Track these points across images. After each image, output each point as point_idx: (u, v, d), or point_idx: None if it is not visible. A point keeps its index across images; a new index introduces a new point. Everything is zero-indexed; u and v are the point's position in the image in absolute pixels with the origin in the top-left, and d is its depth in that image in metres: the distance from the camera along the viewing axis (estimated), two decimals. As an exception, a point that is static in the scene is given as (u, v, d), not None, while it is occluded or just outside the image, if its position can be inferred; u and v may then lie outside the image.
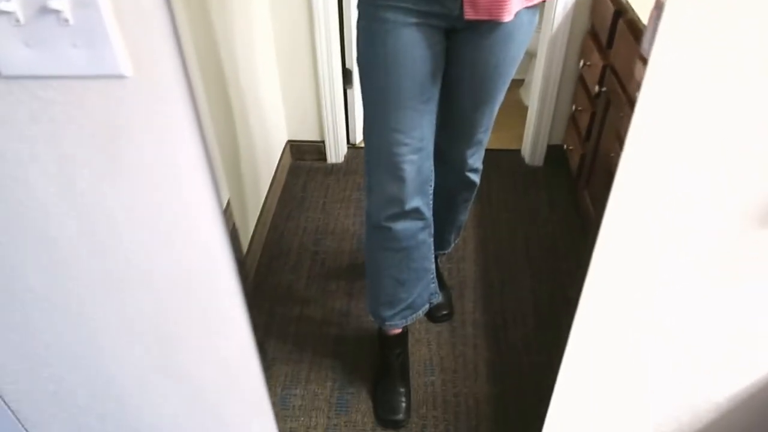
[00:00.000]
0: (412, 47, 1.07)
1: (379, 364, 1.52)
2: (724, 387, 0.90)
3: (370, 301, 1.43)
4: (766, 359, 0.86)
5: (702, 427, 0.95)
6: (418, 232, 1.29)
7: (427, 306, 1.46)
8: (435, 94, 1.16)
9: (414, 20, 1.05)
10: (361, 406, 1.47)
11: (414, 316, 1.43)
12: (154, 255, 0.78)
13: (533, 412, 1.02)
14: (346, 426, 1.43)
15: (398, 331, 1.48)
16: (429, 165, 1.23)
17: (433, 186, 1.28)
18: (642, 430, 0.98)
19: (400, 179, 1.17)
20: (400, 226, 1.24)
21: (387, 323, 1.42)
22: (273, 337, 1.62)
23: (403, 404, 1.43)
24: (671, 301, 0.79)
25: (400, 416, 1.42)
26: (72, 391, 0.98)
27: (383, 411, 1.44)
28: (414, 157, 1.16)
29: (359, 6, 1.11)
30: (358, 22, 1.12)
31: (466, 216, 1.56)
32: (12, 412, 1.03)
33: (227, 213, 0.75)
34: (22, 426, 1.05)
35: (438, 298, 1.48)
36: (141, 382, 0.97)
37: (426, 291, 1.43)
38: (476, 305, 1.70)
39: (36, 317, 0.87)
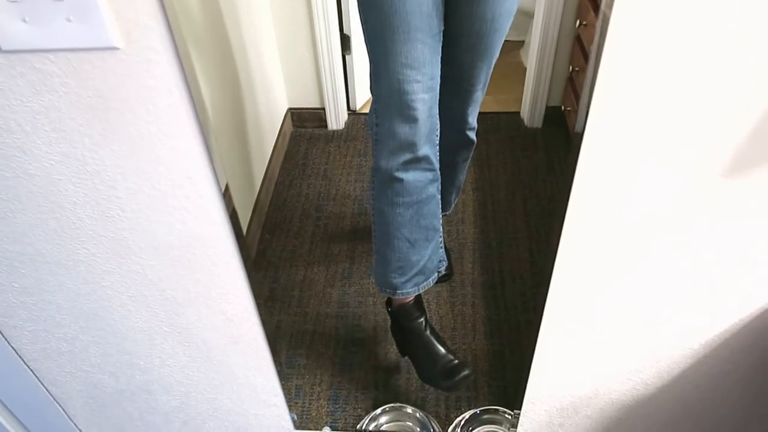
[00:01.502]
0: None
1: (402, 334, 1.45)
2: (699, 333, 0.94)
3: (379, 270, 1.37)
4: (738, 305, 0.89)
5: (680, 371, 1.00)
6: (429, 185, 1.27)
7: (436, 275, 1.41)
8: (440, 30, 1.15)
9: None
10: (364, 364, 1.53)
11: (425, 283, 1.38)
12: (154, 220, 0.83)
13: (528, 367, 1.07)
14: (349, 383, 1.49)
15: (411, 299, 1.41)
16: (436, 111, 1.21)
17: (439, 137, 1.26)
18: (622, 377, 1.03)
19: (413, 119, 1.14)
20: (412, 176, 1.22)
21: (398, 291, 1.36)
22: (278, 301, 1.68)
23: (456, 361, 1.35)
24: (643, 247, 0.83)
25: (467, 371, 1.32)
26: (85, 350, 1.04)
27: (444, 377, 1.34)
28: (425, 96, 1.14)
29: None
30: None
31: (464, 176, 1.59)
32: (31, 370, 1.09)
33: (227, 191, 0.79)
34: (41, 384, 1.12)
35: (445, 267, 1.44)
36: (149, 341, 1.02)
37: (435, 255, 1.39)
38: (475, 265, 1.74)
39: (48, 280, 0.92)
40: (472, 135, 1.44)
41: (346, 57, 2.16)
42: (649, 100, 0.67)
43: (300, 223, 1.90)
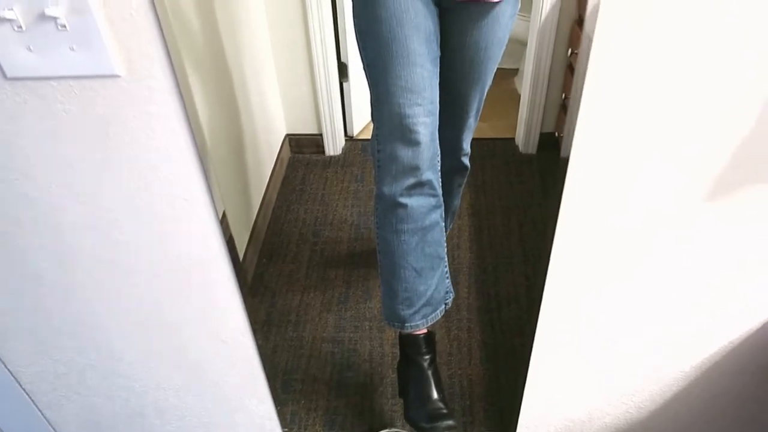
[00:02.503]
0: (417, 2, 1.09)
1: (405, 368, 1.38)
2: (690, 355, 0.95)
3: (386, 302, 1.33)
4: (727, 327, 0.90)
5: (672, 394, 1.00)
6: (432, 211, 1.26)
7: (443, 307, 1.37)
8: (438, 55, 1.17)
9: None
10: (360, 389, 1.52)
11: (433, 315, 1.34)
12: (152, 244, 0.84)
13: (522, 392, 1.08)
14: (345, 408, 1.49)
15: (424, 331, 1.36)
16: (437, 136, 1.21)
17: (440, 163, 1.25)
18: (615, 400, 1.04)
19: (415, 143, 1.14)
20: (415, 201, 1.21)
21: (407, 324, 1.31)
22: (274, 325, 1.68)
23: (445, 411, 1.29)
24: (631, 271, 0.84)
25: (452, 422, 1.27)
26: (81, 373, 1.05)
27: (427, 419, 1.28)
28: (427, 120, 1.14)
29: None
30: None
31: (459, 200, 1.61)
32: (27, 393, 1.10)
33: (224, 217, 0.81)
34: (36, 407, 1.12)
35: (452, 298, 1.41)
36: (145, 363, 1.03)
37: (442, 285, 1.35)
38: (470, 290, 1.75)
39: (46, 303, 0.93)
40: (467, 161, 1.46)
41: (344, 84, 2.20)
42: (630, 130, 0.69)
43: (297, 248, 1.92)
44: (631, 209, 0.77)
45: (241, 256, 1.69)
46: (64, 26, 0.64)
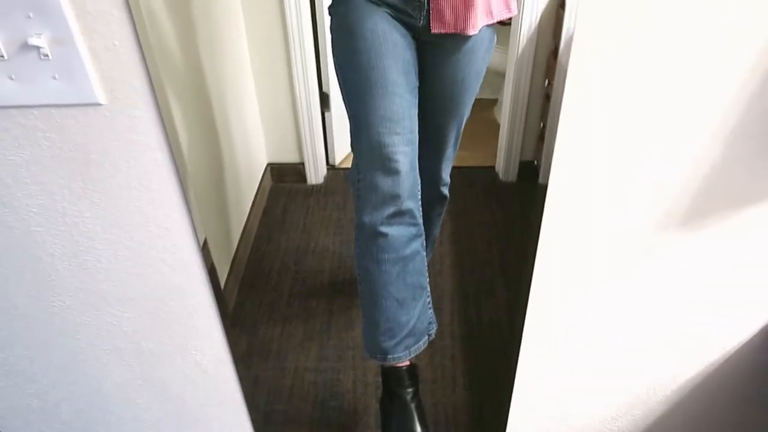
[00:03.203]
0: (390, 31, 1.11)
1: (388, 402, 1.36)
2: (672, 379, 0.96)
3: (368, 334, 1.31)
4: (707, 349, 0.91)
5: (655, 418, 1.01)
6: (413, 240, 1.25)
7: (426, 338, 1.35)
8: (416, 86, 1.18)
9: (387, 11, 1.10)
10: (342, 420, 1.50)
11: (416, 347, 1.32)
12: (131, 273, 0.84)
13: (506, 420, 1.07)
14: (328, 438, 1.47)
15: (406, 363, 1.34)
16: (417, 165, 1.21)
17: (420, 193, 1.26)
18: (599, 425, 1.04)
19: (395, 171, 1.15)
20: (396, 230, 1.21)
21: (389, 356, 1.29)
22: (256, 355, 1.66)
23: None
24: (610, 296, 0.85)
25: None
26: (56, 406, 1.02)
27: None
28: (406, 149, 1.15)
29: (331, 8, 1.15)
30: (331, 25, 1.16)
31: (438, 229, 1.62)
32: (-1, 429, 1.07)
33: (205, 245, 0.81)
34: (9, 443, 1.09)
35: (435, 329, 1.39)
36: (123, 394, 1.01)
37: (424, 316, 1.34)
38: (453, 317, 1.75)
39: (21, 334, 0.92)
40: (445, 190, 1.48)
41: (325, 114, 2.22)
42: (605, 156, 0.71)
43: (278, 277, 1.91)
44: (608, 234, 0.78)
45: (222, 284, 1.68)
46: (47, 56, 0.65)
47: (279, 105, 2.15)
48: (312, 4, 1.96)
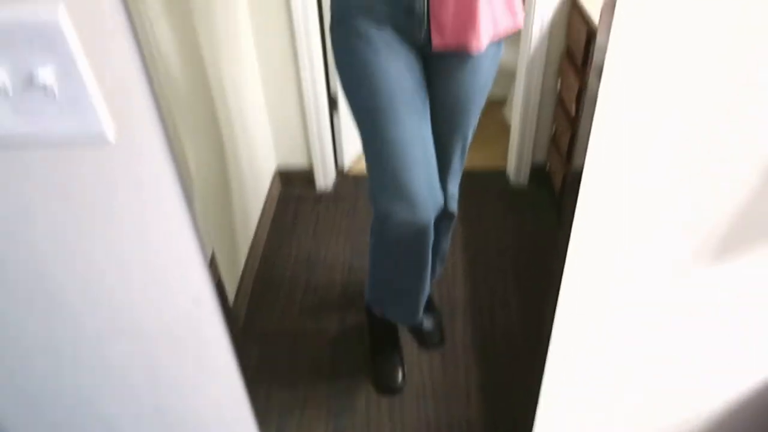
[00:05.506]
0: (395, 50, 1.09)
1: (374, 340, 1.65)
2: (700, 405, 0.93)
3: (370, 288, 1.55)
4: (734, 383, 0.89)
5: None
6: (426, 245, 1.30)
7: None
8: (426, 100, 1.17)
9: (388, 28, 1.08)
10: (357, 430, 1.49)
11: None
12: (143, 305, 0.81)
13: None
14: (342, 455, 1.45)
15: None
16: (434, 182, 1.22)
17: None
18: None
19: (413, 201, 1.16)
20: (413, 237, 1.26)
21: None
22: (267, 368, 1.64)
23: (401, 373, 1.57)
24: (640, 323, 0.83)
25: (399, 383, 1.56)
26: (68, 437, 1.00)
27: (384, 379, 1.57)
28: (420, 171, 1.16)
29: (333, 33, 1.13)
30: (333, 46, 1.14)
31: (447, 244, 1.59)
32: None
33: (213, 264, 0.78)
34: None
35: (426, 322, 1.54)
36: (137, 425, 0.99)
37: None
38: (466, 328, 1.73)
39: (35, 364, 0.90)
40: (453, 205, 1.44)
41: (334, 117, 2.18)
42: (644, 170, 0.68)
43: (289, 287, 1.88)
44: (641, 262, 0.75)
45: (231, 298, 1.66)
46: (54, 92, 0.62)
47: (287, 110, 2.12)
48: (319, 7, 1.92)
